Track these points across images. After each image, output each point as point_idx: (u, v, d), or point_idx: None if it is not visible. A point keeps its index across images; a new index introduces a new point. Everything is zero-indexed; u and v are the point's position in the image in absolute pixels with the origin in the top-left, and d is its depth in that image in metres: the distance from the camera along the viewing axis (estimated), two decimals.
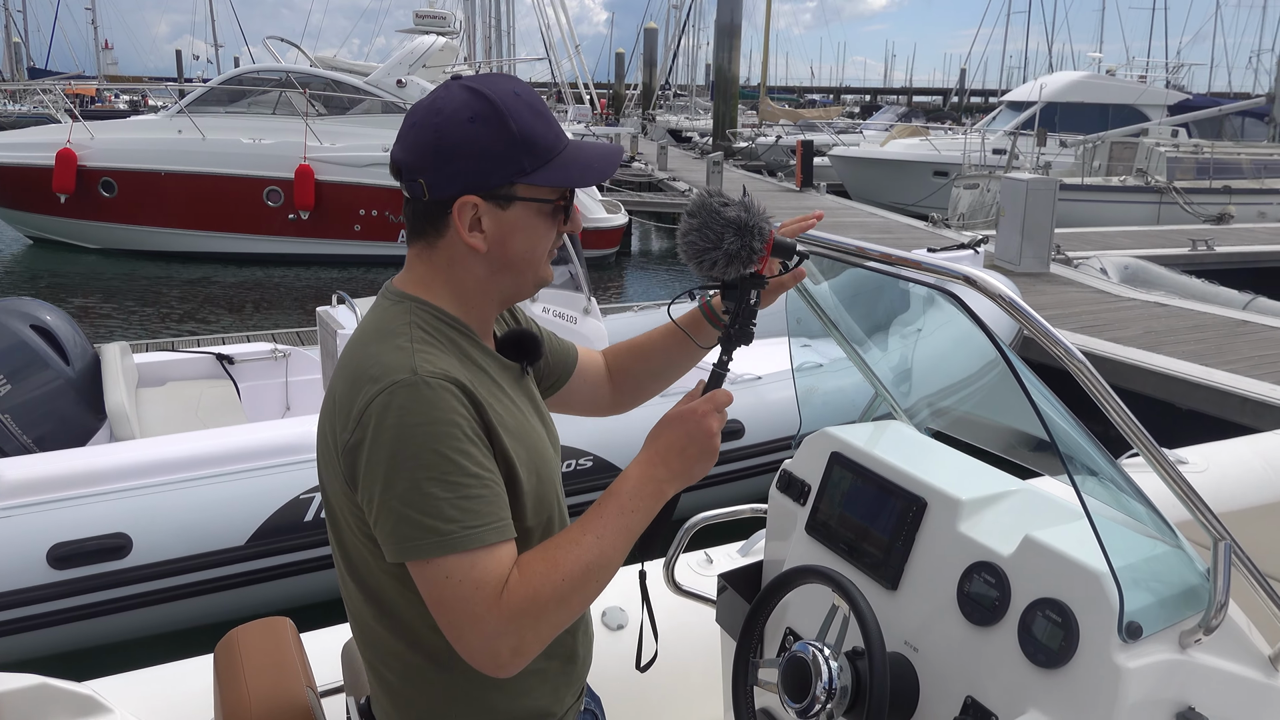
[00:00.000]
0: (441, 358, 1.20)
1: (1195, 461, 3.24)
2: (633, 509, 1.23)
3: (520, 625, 1.14)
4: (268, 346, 5.85)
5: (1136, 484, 1.45)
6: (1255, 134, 22.44)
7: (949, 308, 1.52)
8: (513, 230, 1.25)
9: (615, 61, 57.51)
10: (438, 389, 1.15)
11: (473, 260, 1.26)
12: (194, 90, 15.11)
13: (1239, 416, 6.04)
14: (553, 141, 1.24)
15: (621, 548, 1.21)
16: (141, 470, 3.83)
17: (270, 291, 12.70)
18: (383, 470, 1.13)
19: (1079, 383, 1.37)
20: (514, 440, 1.24)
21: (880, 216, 15.97)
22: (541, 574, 1.16)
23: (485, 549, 1.14)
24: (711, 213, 1.34)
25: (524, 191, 1.23)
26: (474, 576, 1.13)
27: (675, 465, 1.25)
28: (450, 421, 1.14)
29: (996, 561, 1.58)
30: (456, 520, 1.12)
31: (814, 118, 37.79)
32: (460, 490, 1.13)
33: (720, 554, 2.90)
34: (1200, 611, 1.43)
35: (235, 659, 1.63)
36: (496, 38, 37.32)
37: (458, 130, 1.20)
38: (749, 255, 1.34)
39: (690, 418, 1.26)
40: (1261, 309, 9.18)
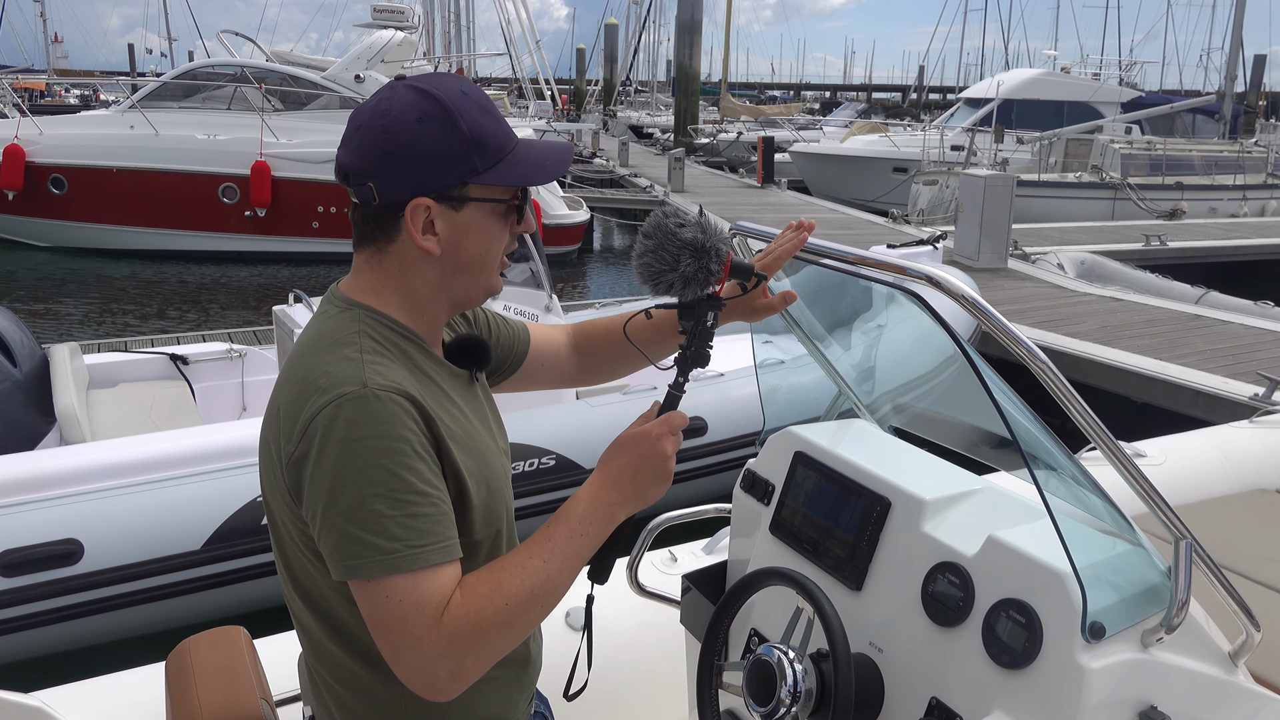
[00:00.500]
0: (392, 369, 1.17)
1: (1153, 454, 3.28)
2: (582, 533, 1.20)
3: (459, 649, 1.11)
4: (222, 346, 5.75)
5: (1097, 481, 1.46)
6: (1206, 131, 22.86)
7: (910, 305, 1.52)
8: (466, 232, 1.22)
9: (576, 57, 57.37)
10: (388, 402, 1.12)
11: (425, 264, 1.23)
12: (147, 85, 14.83)
13: (1192, 409, 6.14)
14: (503, 140, 1.22)
15: (569, 572, 1.19)
16: (93, 474, 3.75)
17: (226, 290, 12.51)
18: (327, 485, 1.10)
19: (1041, 382, 1.37)
20: (463, 453, 1.21)
21: (841, 212, 16.06)
22: (484, 597, 1.13)
23: (429, 569, 1.11)
24: (667, 234, 1.30)
25: (477, 192, 1.21)
26: (415, 597, 1.10)
27: (628, 489, 1.22)
28: (399, 437, 1.11)
29: (960, 562, 1.58)
30: (401, 539, 1.09)
31: (775, 114, 37.90)
32: (406, 508, 1.10)
33: (684, 552, 2.89)
34: (1162, 610, 1.44)
35: (187, 670, 1.59)
36: (456, 33, 37.03)
37: (406, 131, 1.16)
38: (706, 277, 1.31)
39: (644, 440, 1.23)
40: (1214, 303, 9.35)
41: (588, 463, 4.55)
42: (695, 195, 17.24)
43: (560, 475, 4.45)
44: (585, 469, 4.54)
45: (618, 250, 17.20)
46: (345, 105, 14.35)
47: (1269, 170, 19.64)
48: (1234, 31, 22.32)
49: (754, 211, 15.54)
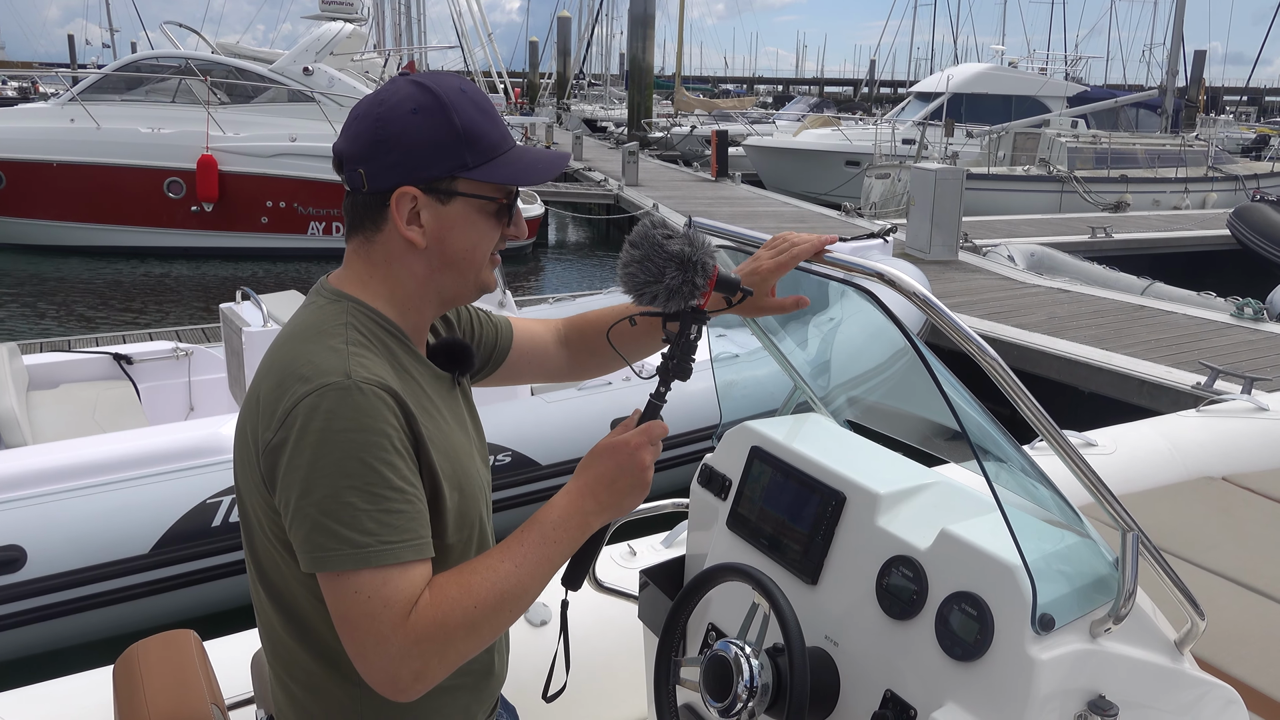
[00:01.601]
0: (376, 363, 1.16)
1: (1104, 444, 3.34)
2: (555, 540, 1.19)
3: (425, 650, 1.10)
4: (169, 345, 5.64)
5: (1045, 473, 1.48)
6: (1148, 125, 23.32)
7: (862, 300, 1.53)
8: (452, 226, 1.22)
9: (529, 50, 57.08)
10: (370, 396, 1.11)
11: (411, 257, 1.23)
12: (88, 77, 14.48)
13: (1138, 398, 6.27)
14: (497, 140, 1.23)
15: (541, 578, 1.18)
16: (35, 478, 3.65)
17: (172, 287, 12.27)
18: (303, 474, 1.09)
19: (991, 378, 1.39)
20: (440, 455, 1.20)
21: (794, 206, 16.17)
22: (453, 599, 1.12)
23: (399, 566, 1.10)
24: (654, 245, 1.28)
25: (465, 187, 1.21)
26: (384, 594, 1.08)
27: (604, 498, 1.22)
28: (379, 431, 1.10)
29: (914, 555, 1.59)
30: (374, 534, 1.08)
31: (728, 108, 38.03)
32: (381, 503, 1.09)
33: (643, 545, 2.89)
34: (1110, 601, 1.46)
35: (134, 676, 1.56)
36: (406, 25, 36.65)
37: (399, 120, 1.17)
38: (690, 290, 1.29)
39: (623, 450, 1.23)
40: (1159, 294, 9.55)
41: (543, 459, 4.53)
42: (650, 189, 17.24)
43: (516, 472, 4.43)
44: (541, 465, 4.53)
45: (572, 244, 17.15)
46: (294, 98, 14.14)
47: (1209, 163, 20.11)
48: (1175, 28, 22.77)
49: (709, 205, 15.58)
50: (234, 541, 3.78)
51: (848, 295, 2.40)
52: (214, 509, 3.74)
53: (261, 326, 4.81)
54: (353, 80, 14.70)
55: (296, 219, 13.78)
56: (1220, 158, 21.03)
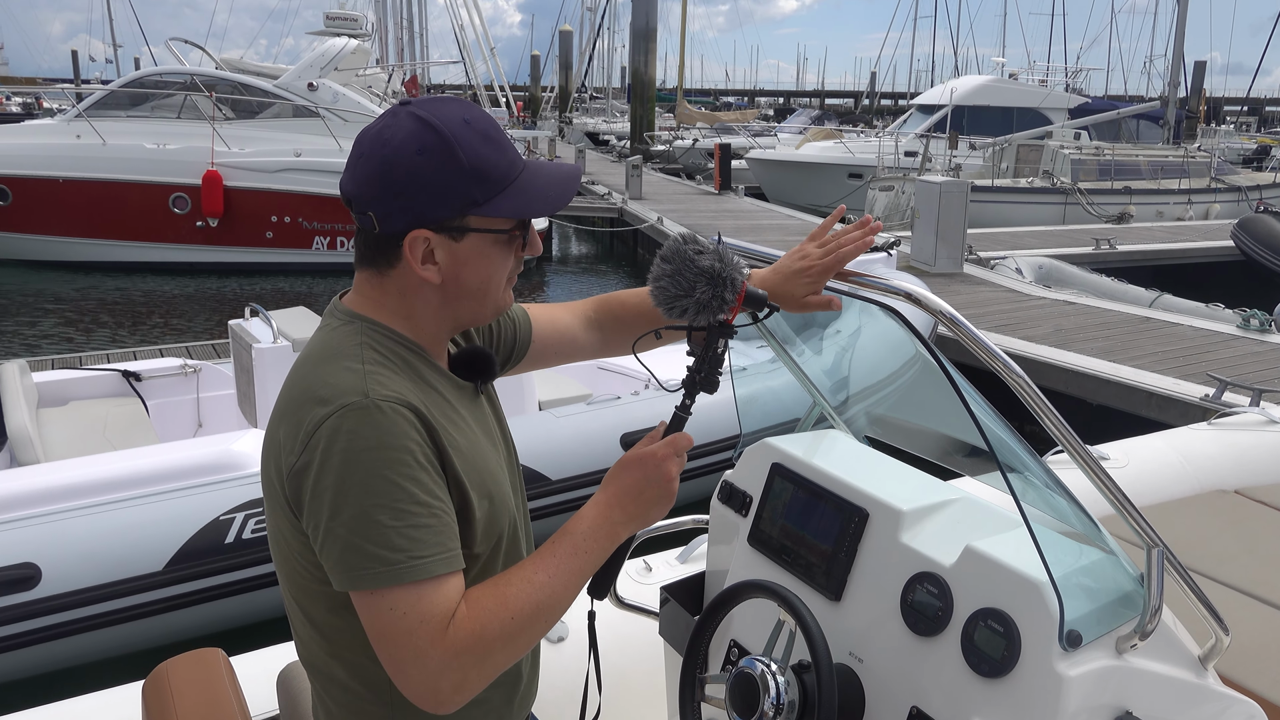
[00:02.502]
0: (395, 380, 1.17)
1: (1116, 457, 3.34)
2: (586, 550, 1.21)
3: (464, 662, 1.11)
4: (177, 362, 5.65)
5: (1069, 489, 1.48)
6: (1149, 136, 23.38)
7: (875, 313, 1.53)
8: (467, 261, 1.21)
9: (531, 64, 57.27)
10: (390, 413, 1.12)
11: (427, 290, 1.23)
12: (94, 93, 14.54)
13: (1146, 410, 6.26)
14: (505, 169, 1.21)
15: (573, 588, 1.20)
16: (48, 496, 3.66)
17: (179, 302, 12.30)
18: (330, 496, 1.10)
19: (1017, 395, 1.39)
20: (466, 464, 1.21)
21: (798, 219, 16.19)
22: (490, 611, 1.14)
23: (432, 580, 1.11)
24: (685, 260, 1.31)
25: (477, 223, 1.20)
26: (420, 609, 1.10)
27: (631, 508, 1.24)
28: (402, 447, 1.11)
29: (938, 572, 1.59)
30: (404, 550, 1.09)
31: (730, 121, 38.14)
32: (409, 519, 1.10)
33: (659, 561, 2.89)
34: (1135, 617, 1.47)
35: (165, 694, 1.56)
36: (409, 39, 36.81)
37: (405, 162, 1.16)
38: (719, 305, 1.32)
39: (650, 461, 1.25)
40: (1167, 306, 9.55)
41: (553, 474, 4.54)
42: (653, 202, 17.28)
43: (526, 487, 4.43)
44: (551, 480, 4.53)
45: (576, 258, 17.18)
46: (299, 114, 14.19)
47: (1212, 174, 20.13)
48: (1176, 40, 22.84)
49: (713, 218, 15.60)
50: (248, 557, 3.78)
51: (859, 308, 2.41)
52: (227, 525, 3.75)
53: (271, 343, 4.82)
54: (357, 95, 14.76)
55: (301, 234, 13.82)
56: (1223, 169, 21.05)
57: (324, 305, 12.02)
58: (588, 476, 4.63)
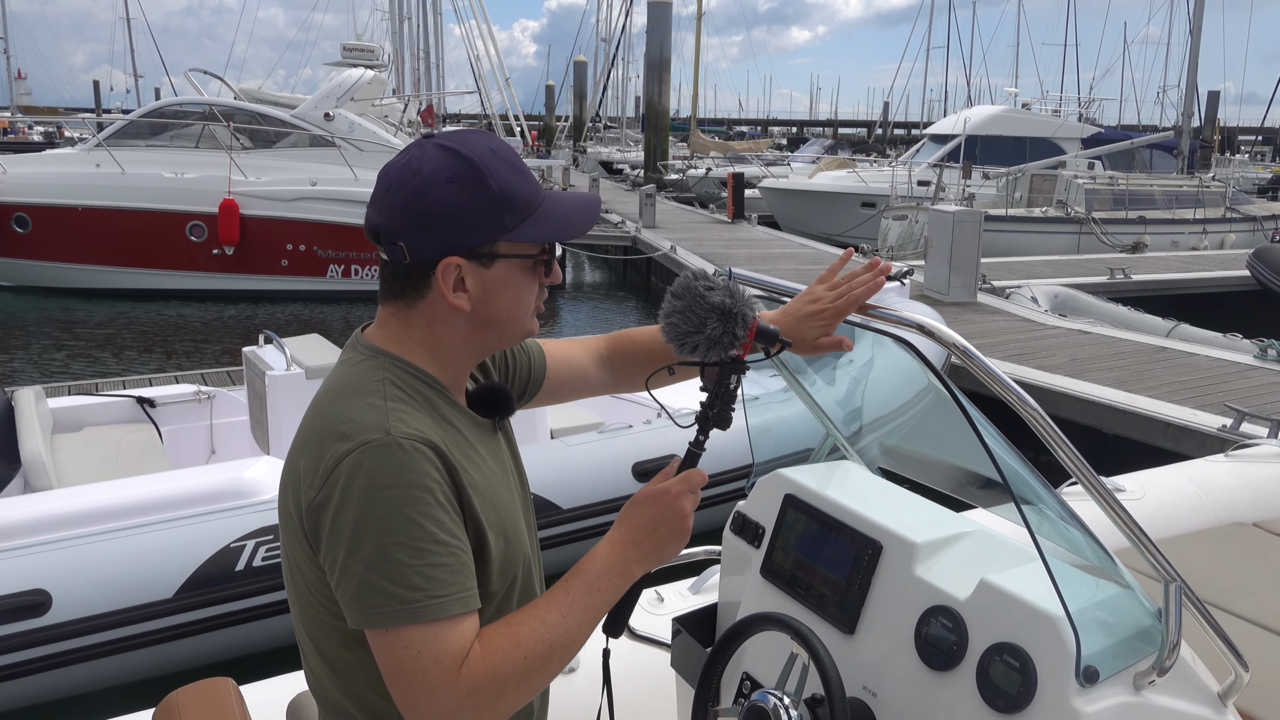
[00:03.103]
0: (416, 417, 1.16)
1: (1132, 489, 3.31)
2: (600, 588, 1.20)
3: (477, 702, 1.10)
4: (190, 388, 5.68)
5: (1084, 523, 1.47)
6: (1163, 165, 23.36)
7: (884, 341, 1.53)
8: (496, 288, 1.22)
9: (546, 94, 57.74)
10: (411, 451, 1.11)
11: (455, 319, 1.23)
12: (114, 123, 14.73)
13: (1163, 441, 6.21)
14: (531, 196, 1.22)
15: (587, 626, 1.19)
16: (60, 522, 3.66)
17: (195, 330, 12.37)
18: (348, 533, 1.09)
19: (1031, 428, 1.38)
20: (484, 502, 1.21)
21: (811, 248, 16.21)
22: (504, 650, 1.13)
23: (448, 620, 1.10)
24: (696, 296, 1.31)
25: (506, 249, 1.21)
26: (434, 648, 1.09)
27: (646, 546, 1.23)
28: (422, 486, 1.11)
29: (953, 605, 1.58)
30: (421, 589, 1.09)
31: (743, 150, 38.31)
32: (427, 558, 1.09)
33: (671, 592, 2.87)
34: (1153, 652, 1.45)
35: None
36: (425, 70, 37.19)
37: (436, 191, 1.17)
38: (730, 341, 1.31)
39: (664, 498, 1.23)
40: (1185, 336, 9.49)
41: (564, 503, 4.52)
42: (667, 231, 17.34)
43: (537, 516, 4.41)
44: (561, 509, 4.51)
45: (589, 286, 17.23)
46: (315, 143, 14.33)
47: (1227, 204, 20.08)
48: (1189, 70, 22.87)
49: (726, 247, 15.64)
50: (259, 585, 3.77)
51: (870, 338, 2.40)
52: (238, 553, 3.74)
53: (284, 370, 4.83)
54: (373, 125, 14.90)
55: (316, 262, 13.91)
56: (1237, 198, 21.01)
57: (338, 332, 12.08)
58: (599, 505, 4.62)
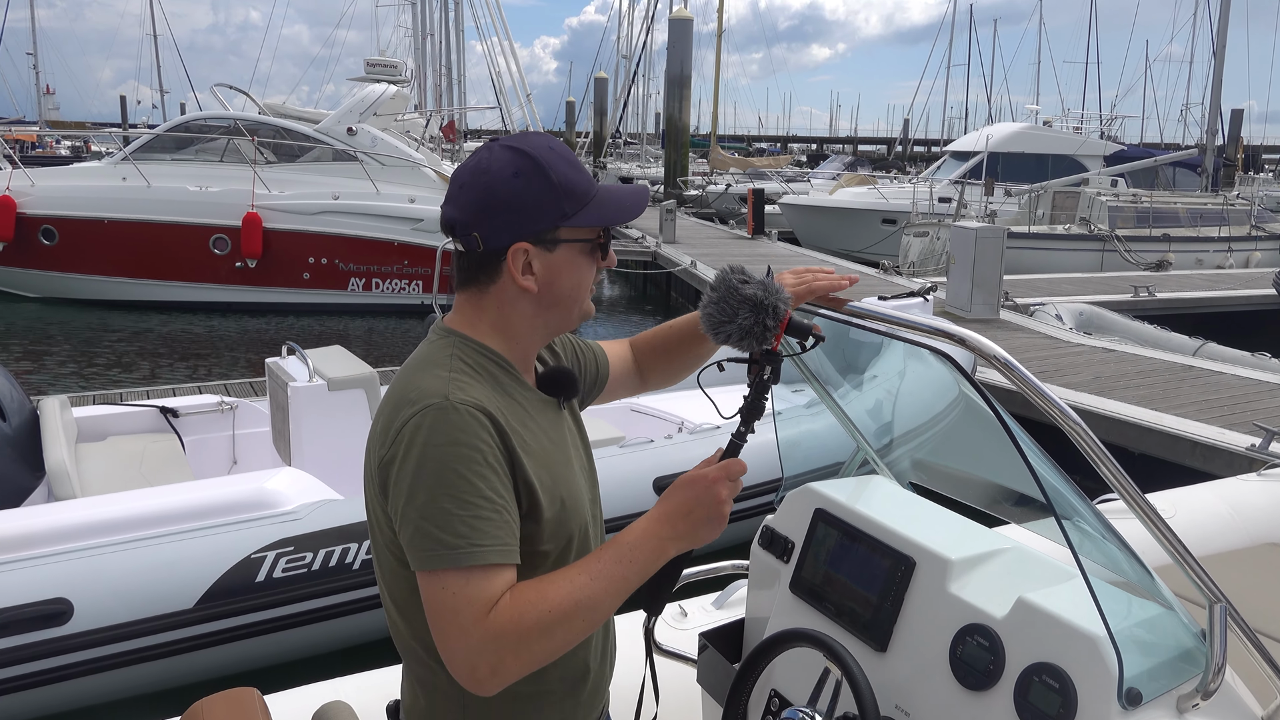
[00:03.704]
0: (475, 387, 1.30)
1: (1163, 508, 3.26)
2: (631, 560, 1.28)
3: (500, 646, 1.20)
4: (214, 399, 5.69)
5: (1127, 541, 1.43)
6: (1186, 183, 23.20)
7: (916, 353, 1.51)
8: (560, 270, 1.36)
9: (566, 110, 58.04)
10: (465, 415, 1.24)
11: (523, 300, 1.37)
12: (140, 137, 14.88)
13: (1190, 460, 6.13)
14: (586, 187, 1.36)
15: (614, 594, 1.27)
16: (82, 531, 3.67)
17: (217, 341, 12.45)
18: (408, 484, 1.22)
19: (1075, 444, 1.35)
20: (539, 467, 1.32)
21: (831, 264, 16.17)
22: (531, 603, 1.22)
23: (484, 568, 1.21)
24: (731, 288, 1.40)
25: (567, 234, 1.35)
26: (468, 592, 1.20)
27: (680, 526, 1.30)
28: (473, 446, 1.23)
29: (989, 624, 1.55)
30: (464, 537, 1.20)
31: (763, 166, 38.33)
32: (472, 510, 1.21)
33: (695, 607, 2.85)
34: (1197, 675, 1.42)
35: None
36: (448, 86, 37.44)
37: (505, 185, 1.31)
38: (762, 332, 1.39)
39: (701, 483, 1.30)
40: (1212, 355, 9.38)
41: None
42: (687, 246, 17.34)
43: None
44: None
45: (610, 300, 17.24)
46: (338, 158, 14.42)
47: (1252, 222, 19.90)
48: (1213, 87, 22.75)
49: (746, 262, 15.24)
50: (279, 596, 3.76)
51: (900, 351, 2.37)
52: (258, 564, 3.73)
53: (307, 382, 4.84)
54: (395, 140, 14.99)
55: (337, 275, 13.98)
56: (1263, 216, 20.82)
57: (359, 345, 12.16)
58: (621, 520, 4.59)
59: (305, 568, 3.81)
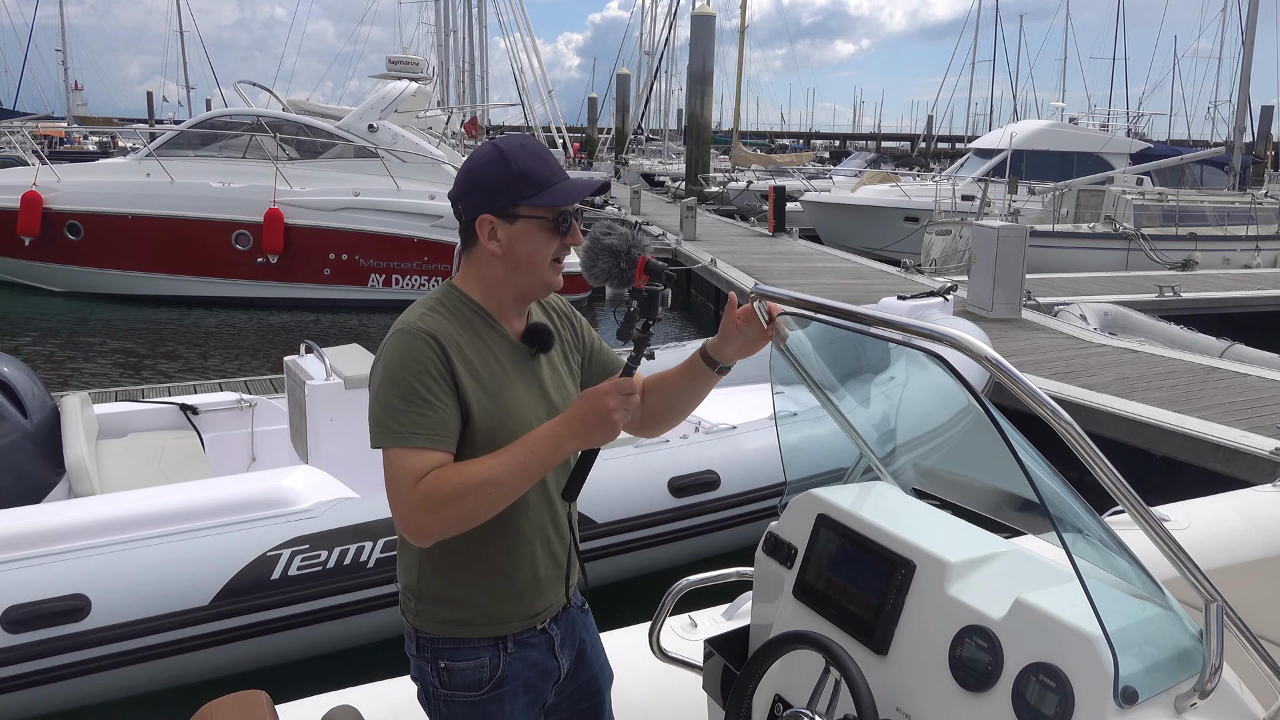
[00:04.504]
0: (437, 320, 1.70)
1: (1177, 519, 3.23)
2: (534, 452, 1.60)
3: (424, 507, 1.57)
4: (233, 396, 5.74)
5: (1124, 543, 1.43)
6: (1213, 182, 22.91)
7: (923, 361, 1.51)
8: (518, 239, 1.73)
9: (588, 106, 58.09)
10: (418, 337, 1.65)
11: (494, 262, 1.75)
12: (165, 133, 15.02)
13: (1213, 463, 6.06)
14: (547, 177, 1.72)
15: (518, 476, 1.59)
16: (101, 528, 3.71)
17: (239, 336, 12.56)
18: (374, 385, 1.66)
19: (1068, 445, 1.35)
20: (480, 390, 1.69)
21: (853, 262, 16.10)
22: (447, 477, 1.58)
23: (417, 450, 1.60)
24: (594, 239, 1.71)
25: (524, 210, 1.71)
26: (404, 466, 1.59)
27: (577, 428, 1.60)
28: (419, 362, 1.63)
29: (988, 625, 1.56)
30: (405, 425, 1.61)
31: (785, 163, 38.21)
32: (413, 406, 1.61)
33: (704, 617, 2.85)
34: (1194, 675, 1.42)
35: None
36: (470, 82, 37.57)
37: (479, 171, 1.72)
38: (620, 273, 1.69)
39: (595, 395, 1.60)
40: (1238, 356, 9.26)
41: (599, 517, 4.50)
42: (707, 243, 17.32)
43: None
44: (597, 523, 4.49)
45: (627, 295, 17.23)
46: (359, 154, 14.50)
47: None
48: (1241, 85, 22.48)
49: (766, 260, 15.58)
50: (294, 594, 3.79)
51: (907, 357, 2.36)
52: (274, 561, 3.76)
53: (324, 380, 4.87)
54: (415, 136, 15.06)
55: (358, 271, 14.07)
56: None
57: (378, 341, 12.19)
58: (635, 520, 4.59)
59: (320, 566, 3.83)
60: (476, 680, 1.76)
